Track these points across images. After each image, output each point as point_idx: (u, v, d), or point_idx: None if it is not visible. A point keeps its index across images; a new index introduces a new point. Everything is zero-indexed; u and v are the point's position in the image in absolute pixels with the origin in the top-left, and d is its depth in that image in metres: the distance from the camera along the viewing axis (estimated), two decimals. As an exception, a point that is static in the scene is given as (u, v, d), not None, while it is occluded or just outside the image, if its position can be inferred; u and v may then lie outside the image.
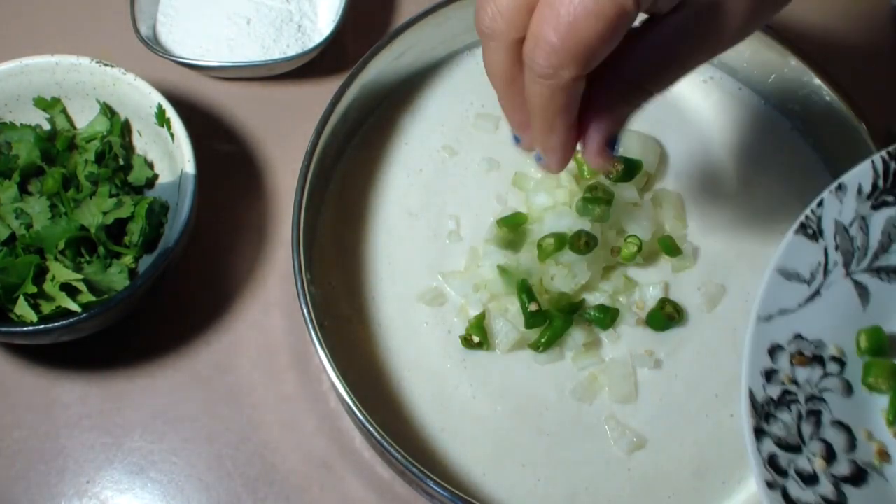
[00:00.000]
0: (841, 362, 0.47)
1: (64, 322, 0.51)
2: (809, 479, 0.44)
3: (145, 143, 0.61)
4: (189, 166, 0.56)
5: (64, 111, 0.61)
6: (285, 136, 0.67)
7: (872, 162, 0.48)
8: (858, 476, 0.45)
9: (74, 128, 0.62)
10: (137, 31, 0.65)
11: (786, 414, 0.45)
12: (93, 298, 0.54)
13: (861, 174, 0.48)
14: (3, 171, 0.57)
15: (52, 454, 0.56)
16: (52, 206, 0.56)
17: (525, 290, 0.55)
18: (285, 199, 0.64)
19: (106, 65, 0.59)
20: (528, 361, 0.56)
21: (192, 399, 0.58)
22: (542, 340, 0.55)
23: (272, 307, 0.61)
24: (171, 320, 0.60)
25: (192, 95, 0.68)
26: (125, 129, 0.61)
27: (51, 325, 0.51)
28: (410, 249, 0.60)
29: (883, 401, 0.46)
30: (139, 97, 0.59)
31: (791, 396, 0.45)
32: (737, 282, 0.59)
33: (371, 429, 0.49)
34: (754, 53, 0.63)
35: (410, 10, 0.72)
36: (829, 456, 0.44)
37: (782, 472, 0.43)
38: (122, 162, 0.60)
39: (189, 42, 0.67)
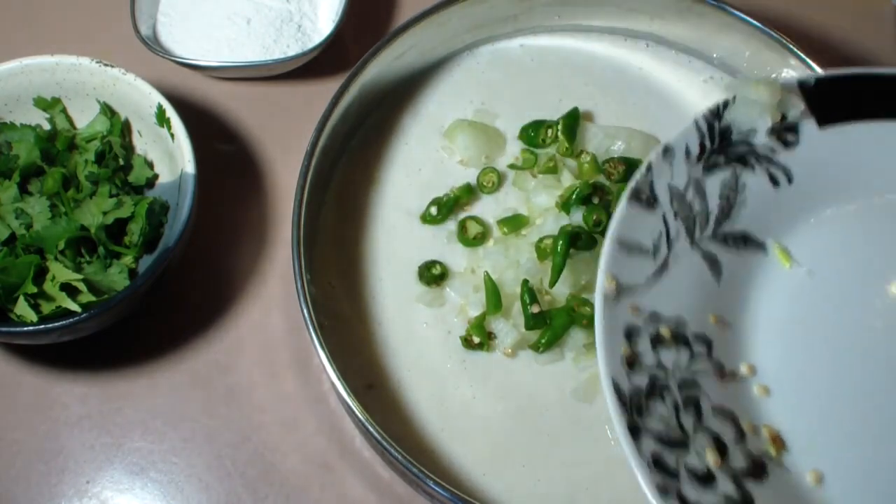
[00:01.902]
0: (707, 341, 0.43)
1: (64, 322, 0.51)
2: (705, 479, 0.40)
3: (145, 143, 0.61)
4: (189, 166, 0.56)
5: (64, 111, 0.61)
6: (285, 136, 0.67)
7: (696, 122, 0.47)
8: (757, 469, 0.41)
9: (74, 128, 0.62)
10: (137, 31, 0.65)
11: (660, 405, 0.41)
12: (93, 298, 0.54)
13: (686, 136, 0.47)
14: (3, 171, 0.57)
15: (52, 454, 0.56)
16: (52, 206, 0.56)
17: (527, 292, 0.55)
18: (285, 199, 0.64)
19: (106, 65, 0.59)
20: (529, 362, 0.56)
21: (192, 399, 0.58)
22: (543, 341, 0.55)
23: (272, 307, 0.61)
24: (171, 320, 0.60)
25: (192, 95, 0.68)
26: (125, 129, 0.61)
27: (51, 325, 0.51)
28: (410, 249, 0.60)
29: (762, 377, 0.43)
30: (139, 97, 0.59)
31: (661, 384, 0.41)
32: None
33: (371, 429, 0.49)
34: (754, 53, 0.63)
35: (410, 10, 0.72)
36: (721, 449, 0.41)
37: (672, 473, 0.39)
38: (122, 162, 0.60)
39: (189, 42, 0.67)
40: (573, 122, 0.62)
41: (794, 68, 0.61)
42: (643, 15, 0.66)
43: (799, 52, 0.61)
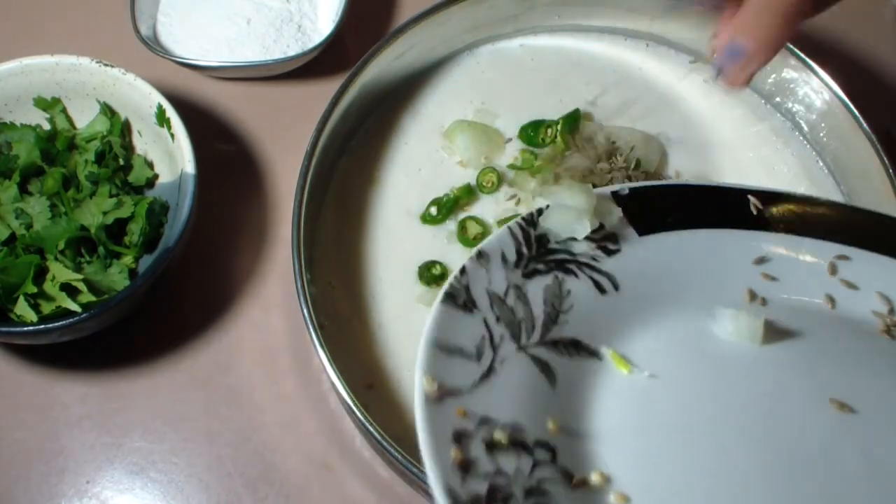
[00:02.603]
0: (550, 447, 0.40)
1: (64, 322, 0.51)
2: None
3: (145, 143, 0.61)
4: (189, 166, 0.56)
5: (64, 111, 0.61)
6: (285, 136, 0.67)
7: (510, 229, 0.45)
8: None
9: (74, 128, 0.62)
10: (137, 31, 0.65)
11: None
12: (93, 298, 0.54)
13: (501, 242, 0.45)
14: (3, 171, 0.57)
15: (52, 454, 0.56)
16: (52, 206, 0.56)
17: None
18: (285, 199, 0.64)
19: (106, 65, 0.59)
20: (528, 361, 0.56)
21: (192, 399, 0.58)
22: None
23: (272, 307, 0.61)
24: (171, 320, 0.60)
25: (192, 95, 0.68)
26: (125, 129, 0.61)
27: (51, 325, 0.51)
28: (410, 249, 0.60)
29: (618, 486, 0.39)
30: (139, 97, 0.59)
31: (504, 492, 0.37)
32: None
33: (371, 429, 0.49)
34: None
35: (410, 10, 0.72)
36: None
37: None
38: (122, 162, 0.60)
39: (189, 42, 0.67)
40: (573, 122, 0.62)
41: (794, 68, 0.62)
42: (643, 15, 0.66)
43: (799, 53, 0.61)
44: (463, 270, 0.43)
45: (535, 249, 0.45)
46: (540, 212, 0.47)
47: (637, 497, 0.39)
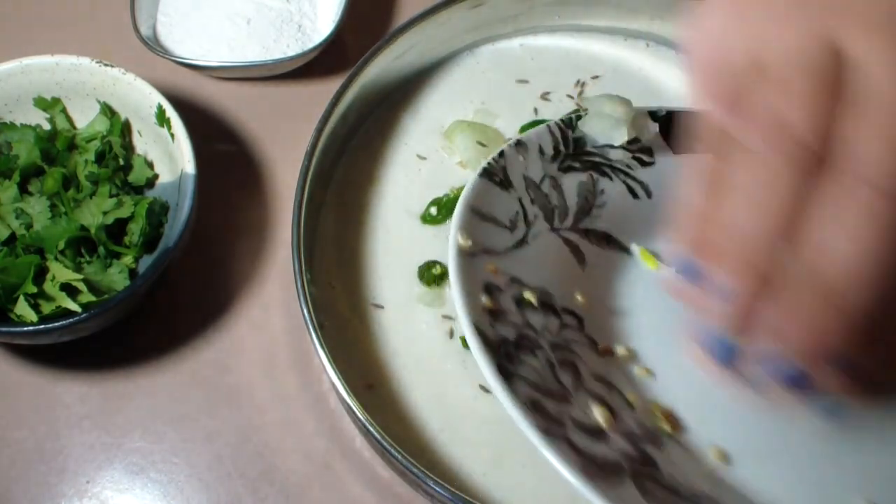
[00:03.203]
0: (577, 316, 0.40)
1: (64, 322, 0.51)
2: (595, 432, 0.35)
3: (145, 143, 0.61)
4: (189, 166, 0.56)
5: (64, 111, 0.61)
6: (285, 136, 0.67)
7: (549, 127, 0.46)
8: (655, 439, 0.37)
9: (74, 128, 0.62)
10: (137, 31, 0.65)
11: (532, 359, 0.37)
12: (93, 298, 0.54)
13: (540, 136, 0.46)
14: (3, 171, 0.57)
15: (52, 454, 0.56)
16: (52, 206, 0.56)
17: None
18: (285, 199, 0.64)
19: (106, 65, 0.59)
20: (528, 361, 0.56)
21: (192, 399, 0.58)
22: (542, 340, 0.55)
23: (272, 307, 0.61)
24: (171, 320, 0.60)
25: (192, 95, 0.68)
26: (125, 129, 0.61)
27: (51, 325, 0.51)
28: (410, 249, 0.60)
29: (643, 361, 0.39)
30: (139, 97, 0.59)
31: (532, 341, 0.37)
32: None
33: (371, 429, 0.49)
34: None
35: (410, 10, 0.72)
36: (610, 411, 0.37)
37: (555, 420, 0.35)
38: (122, 162, 0.60)
39: (189, 42, 0.67)
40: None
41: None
42: (643, 15, 0.66)
43: (799, 52, 0.61)
44: (501, 154, 0.44)
45: (573, 148, 0.46)
46: (579, 116, 0.48)
47: (661, 373, 0.40)
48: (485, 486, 0.53)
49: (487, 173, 0.43)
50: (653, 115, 0.49)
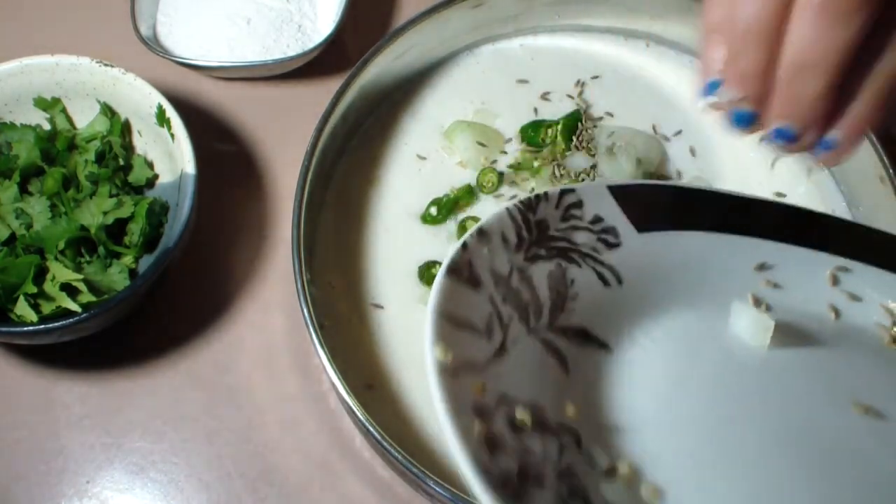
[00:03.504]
0: (574, 433, 0.38)
1: (64, 322, 0.51)
2: None
3: (145, 143, 0.61)
4: (189, 166, 0.56)
5: (64, 111, 0.61)
6: (285, 136, 0.67)
7: (508, 211, 0.43)
8: None
9: (74, 128, 0.62)
10: (137, 31, 0.65)
11: (540, 492, 0.34)
12: (93, 298, 0.54)
13: (501, 222, 0.43)
14: (3, 171, 0.57)
15: (52, 454, 0.56)
16: (52, 206, 0.56)
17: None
18: (285, 199, 0.64)
19: (106, 65, 0.59)
20: (528, 361, 0.56)
21: (192, 399, 0.58)
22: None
23: (272, 307, 0.61)
24: (171, 320, 0.60)
25: (192, 95, 0.68)
26: (125, 129, 0.61)
27: (51, 325, 0.51)
28: (410, 249, 0.60)
29: (649, 477, 0.37)
30: (139, 97, 0.59)
31: (536, 471, 0.35)
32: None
33: (371, 429, 0.49)
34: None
35: (410, 10, 0.72)
36: None
37: None
38: (122, 162, 0.60)
39: (189, 42, 0.67)
40: (573, 122, 0.62)
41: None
42: (643, 15, 0.66)
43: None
44: (465, 246, 0.41)
45: (536, 234, 0.44)
46: (538, 197, 0.45)
47: (671, 491, 0.38)
48: (485, 486, 0.53)
49: (453, 271, 0.39)
50: (611, 189, 0.47)
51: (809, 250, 0.48)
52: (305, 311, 0.51)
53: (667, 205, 0.48)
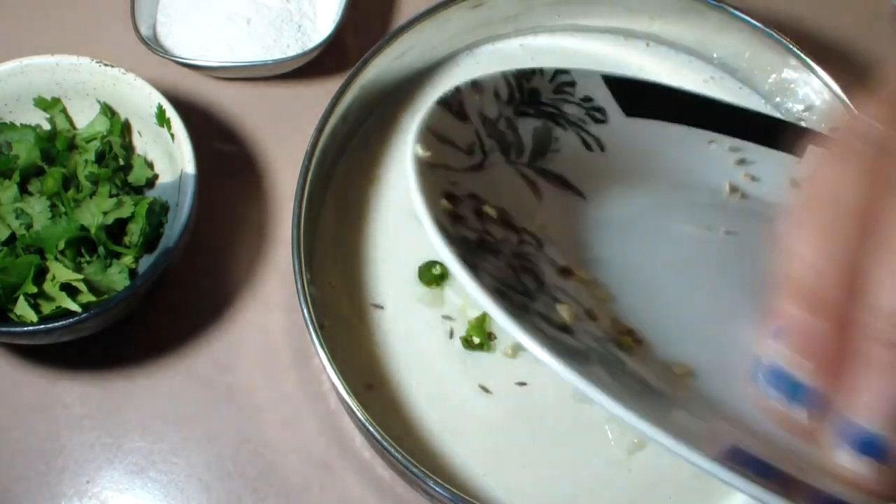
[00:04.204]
0: (537, 238, 0.40)
1: (64, 322, 0.51)
2: (561, 327, 0.35)
3: (145, 143, 0.61)
4: (189, 166, 0.56)
5: (64, 111, 0.61)
6: (285, 136, 0.67)
7: (503, 74, 0.46)
8: (617, 344, 0.37)
9: (74, 128, 0.62)
10: (137, 31, 0.65)
11: (493, 259, 0.37)
12: (93, 298, 0.54)
13: (496, 82, 0.46)
14: (3, 171, 0.57)
15: (52, 454, 0.56)
16: (52, 206, 0.56)
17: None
18: (285, 199, 0.64)
19: (106, 65, 0.59)
20: (529, 362, 0.56)
21: (193, 399, 0.58)
22: (542, 340, 0.55)
23: (272, 307, 0.61)
24: (171, 320, 0.60)
25: (192, 95, 0.68)
26: (125, 129, 0.61)
27: (51, 325, 0.51)
28: (410, 249, 0.60)
29: (603, 287, 0.40)
30: (139, 97, 0.59)
31: (493, 245, 0.37)
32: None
33: (371, 429, 0.49)
34: (754, 53, 0.63)
35: (410, 10, 0.72)
36: (577, 314, 0.37)
37: (522, 309, 0.34)
38: (122, 162, 0.60)
39: (189, 42, 0.67)
40: (573, 122, 0.62)
41: (794, 68, 0.61)
42: (643, 15, 0.66)
43: (799, 53, 0.61)
44: (458, 89, 0.43)
45: (527, 97, 0.46)
46: (533, 70, 0.48)
47: (620, 298, 0.40)
48: (485, 486, 0.53)
49: (444, 103, 0.42)
50: (605, 78, 0.50)
51: (782, 153, 0.53)
52: (305, 311, 0.52)
53: (655, 98, 0.51)
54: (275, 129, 0.67)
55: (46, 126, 0.61)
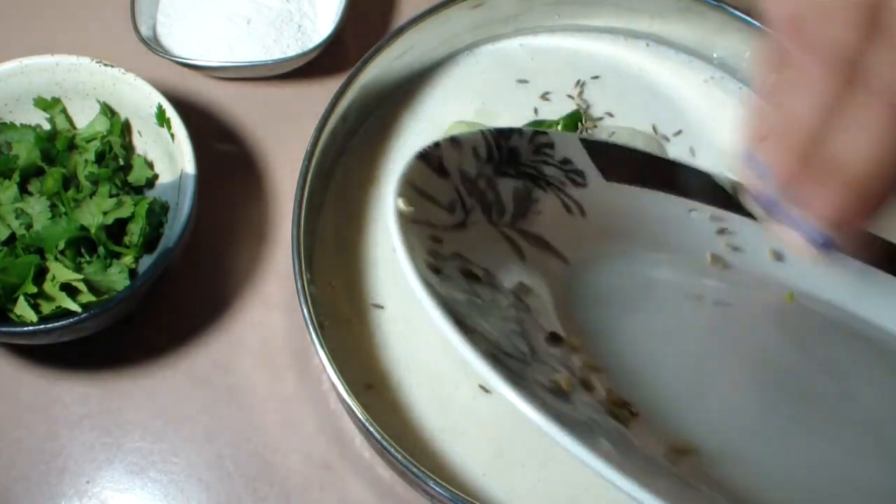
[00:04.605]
0: (524, 303, 0.39)
1: (64, 322, 0.51)
2: (560, 394, 0.35)
3: (145, 143, 0.61)
4: (189, 166, 0.56)
5: (64, 111, 0.61)
6: (285, 136, 0.67)
7: (482, 133, 0.45)
8: (615, 416, 0.37)
9: (74, 128, 0.62)
10: (137, 31, 0.65)
11: (484, 322, 0.35)
12: (93, 298, 0.54)
13: (474, 140, 0.44)
14: (3, 171, 0.57)
15: (52, 454, 0.56)
16: (52, 206, 0.56)
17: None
18: (285, 199, 0.64)
19: (106, 65, 0.59)
20: (528, 361, 0.57)
21: (192, 399, 0.58)
22: (542, 340, 0.55)
23: (272, 307, 0.61)
24: (171, 320, 0.60)
25: (192, 95, 0.68)
26: (125, 129, 0.61)
27: (51, 325, 0.51)
28: (410, 249, 0.60)
29: (593, 356, 0.39)
30: (139, 97, 0.59)
31: (483, 307, 0.36)
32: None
33: (371, 429, 0.49)
34: (754, 53, 0.63)
35: (410, 10, 0.72)
36: (572, 384, 0.36)
37: (518, 376, 0.33)
38: (122, 162, 0.60)
39: (189, 42, 0.67)
40: (573, 122, 0.62)
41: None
42: (643, 15, 0.66)
43: (799, 52, 0.61)
44: (437, 144, 0.42)
45: (507, 156, 0.45)
46: (512, 130, 0.47)
47: (612, 370, 0.39)
48: (485, 486, 0.53)
49: (423, 157, 0.41)
50: (583, 141, 0.49)
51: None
52: (305, 311, 0.52)
53: (634, 164, 0.50)
54: (275, 129, 0.67)
55: (46, 126, 0.61)
